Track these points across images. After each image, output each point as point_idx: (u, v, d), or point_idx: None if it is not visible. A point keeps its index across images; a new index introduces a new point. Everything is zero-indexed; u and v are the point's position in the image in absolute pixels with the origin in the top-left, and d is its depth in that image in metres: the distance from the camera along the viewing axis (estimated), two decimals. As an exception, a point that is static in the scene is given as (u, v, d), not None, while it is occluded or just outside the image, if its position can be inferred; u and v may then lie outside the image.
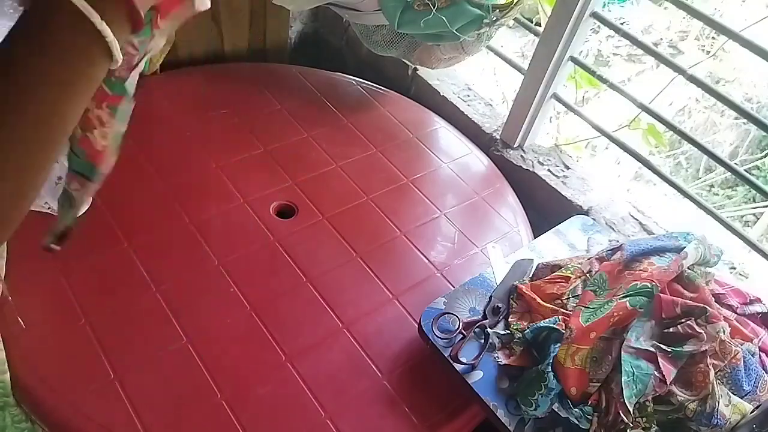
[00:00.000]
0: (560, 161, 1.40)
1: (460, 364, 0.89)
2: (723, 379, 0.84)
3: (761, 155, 2.37)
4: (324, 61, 1.75)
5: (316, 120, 1.38)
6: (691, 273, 0.92)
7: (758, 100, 2.33)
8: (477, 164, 1.38)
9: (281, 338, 0.95)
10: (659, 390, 0.81)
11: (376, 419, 0.89)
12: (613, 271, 0.93)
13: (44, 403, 0.83)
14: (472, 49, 1.30)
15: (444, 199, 1.27)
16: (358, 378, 0.93)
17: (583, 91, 1.61)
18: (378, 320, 1.01)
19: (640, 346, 0.84)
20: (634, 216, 1.30)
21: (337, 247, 1.12)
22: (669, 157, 2.32)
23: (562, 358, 0.84)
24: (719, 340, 0.84)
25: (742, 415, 0.82)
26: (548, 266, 1.02)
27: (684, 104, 2.31)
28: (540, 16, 1.35)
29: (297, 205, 1.17)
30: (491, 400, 0.86)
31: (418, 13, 1.17)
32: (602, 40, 2.28)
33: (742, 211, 2.25)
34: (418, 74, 1.58)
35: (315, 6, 1.32)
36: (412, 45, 1.32)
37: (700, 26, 2.33)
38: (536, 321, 0.92)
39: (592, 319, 0.85)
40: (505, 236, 1.21)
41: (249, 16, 1.50)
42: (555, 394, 0.83)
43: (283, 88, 1.44)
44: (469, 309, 0.97)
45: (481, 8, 1.17)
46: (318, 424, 0.87)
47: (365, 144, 1.35)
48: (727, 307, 0.93)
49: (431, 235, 1.18)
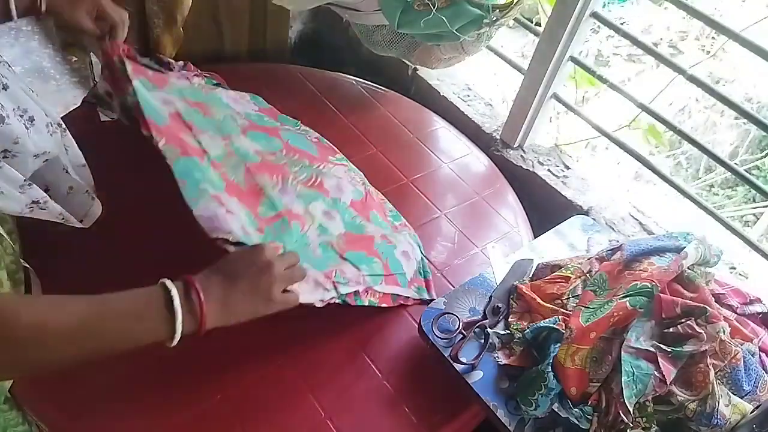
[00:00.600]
0: (560, 161, 1.40)
1: (460, 364, 0.89)
2: (723, 379, 0.84)
3: (761, 155, 2.37)
4: (324, 61, 1.75)
5: (316, 120, 1.38)
6: (691, 273, 0.92)
7: (758, 100, 2.32)
8: (477, 164, 1.38)
9: (281, 338, 0.95)
10: (659, 390, 0.81)
11: (376, 419, 0.89)
12: (613, 271, 0.93)
13: (45, 403, 0.83)
14: (472, 49, 1.30)
15: (444, 199, 1.27)
16: (358, 378, 0.93)
17: (583, 91, 1.61)
18: (378, 320, 1.01)
19: (640, 346, 0.84)
20: (634, 216, 1.30)
21: (337, 247, 1.12)
22: (669, 157, 2.32)
23: (562, 358, 0.84)
24: (719, 340, 0.84)
25: (742, 415, 0.82)
26: (548, 266, 1.02)
27: (684, 104, 2.31)
28: (540, 16, 1.35)
29: (297, 205, 1.17)
30: (491, 400, 0.87)
31: (418, 13, 1.17)
32: (602, 40, 2.28)
33: (742, 211, 2.25)
34: (418, 74, 1.58)
35: (315, 6, 1.33)
36: (412, 45, 1.32)
37: (700, 26, 2.33)
38: (536, 321, 0.92)
39: (592, 319, 0.85)
40: (505, 236, 1.21)
41: (249, 16, 1.50)
42: (555, 394, 0.83)
43: (283, 88, 1.44)
44: (469, 309, 0.97)
45: (481, 8, 1.17)
46: (318, 424, 0.87)
47: (365, 144, 1.35)
48: (727, 307, 0.93)
49: (431, 235, 1.18)
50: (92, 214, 0.85)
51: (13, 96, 0.66)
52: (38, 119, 0.70)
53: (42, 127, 0.70)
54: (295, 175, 0.99)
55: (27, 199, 0.68)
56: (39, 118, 0.70)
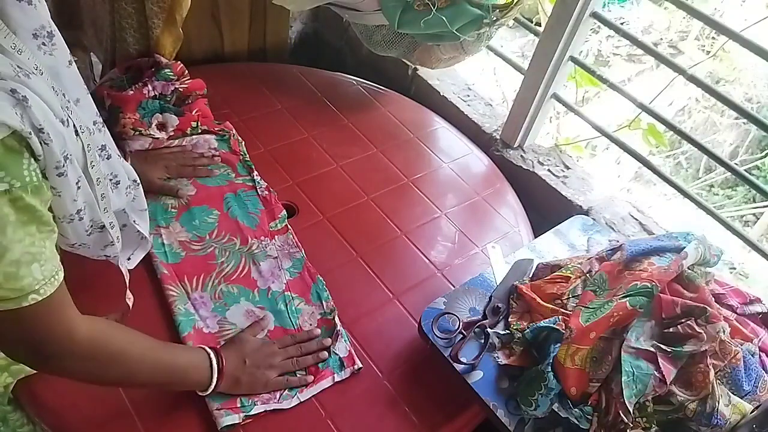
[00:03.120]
0: (560, 161, 1.40)
1: (460, 364, 0.89)
2: (723, 379, 0.84)
3: (761, 155, 2.38)
4: (324, 61, 1.75)
5: (316, 120, 1.38)
6: (691, 273, 0.92)
7: (758, 100, 2.33)
8: (477, 164, 1.39)
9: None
10: (659, 390, 0.81)
11: (376, 419, 0.89)
12: (613, 271, 0.93)
13: (46, 403, 0.83)
14: (472, 49, 1.30)
15: (444, 199, 1.27)
16: (358, 378, 0.93)
17: (583, 91, 1.61)
18: (378, 320, 1.01)
19: (640, 346, 0.84)
20: (634, 216, 1.30)
21: (338, 247, 1.12)
22: (669, 157, 2.32)
23: (562, 358, 0.84)
24: (719, 340, 0.84)
25: (742, 415, 0.82)
26: (548, 266, 1.02)
27: (684, 104, 2.31)
28: (540, 16, 1.35)
29: (297, 205, 1.17)
30: (491, 400, 0.87)
31: (418, 13, 1.17)
32: (602, 40, 2.29)
33: (742, 211, 2.25)
34: (418, 74, 1.58)
35: (315, 6, 1.32)
36: (412, 45, 1.32)
37: (700, 26, 2.33)
38: (536, 321, 0.92)
39: (592, 319, 0.85)
40: (505, 236, 1.21)
41: (249, 16, 1.49)
42: (555, 394, 0.83)
43: (283, 88, 1.44)
44: (469, 309, 0.97)
45: (481, 8, 1.17)
46: (318, 424, 0.87)
47: (365, 144, 1.35)
48: (727, 307, 0.93)
49: (431, 235, 1.18)
50: (139, 254, 0.91)
51: (111, 164, 0.76)
52: (122, 182, 0.79)
53: (123, 189, 0.80)
54: (220, 269, 1.00)
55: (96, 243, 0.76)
56: (123, 181, 0.79)
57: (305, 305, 0.99)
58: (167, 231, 1.04)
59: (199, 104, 1.25)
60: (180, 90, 1.23)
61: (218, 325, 0.93)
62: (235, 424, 0.82)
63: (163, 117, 1.20)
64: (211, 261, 1.01)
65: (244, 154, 1.21)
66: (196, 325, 0.92)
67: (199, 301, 0.95)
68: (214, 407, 0.83)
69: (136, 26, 1.22)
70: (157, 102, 1.19)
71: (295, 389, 0.88)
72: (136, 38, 1.24)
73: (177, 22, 1.22)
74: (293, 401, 0.87)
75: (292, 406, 0.87)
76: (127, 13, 1.20)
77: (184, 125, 1.21)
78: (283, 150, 1.28)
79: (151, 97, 1.19)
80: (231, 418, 0.82)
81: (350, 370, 0.92)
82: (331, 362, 0.92)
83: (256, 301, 0.97)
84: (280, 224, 1.10)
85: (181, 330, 0.90)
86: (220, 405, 0.83)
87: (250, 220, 1.09)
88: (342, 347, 0.94)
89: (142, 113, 1.17)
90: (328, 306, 0.99)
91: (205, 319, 0.93)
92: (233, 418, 0.82)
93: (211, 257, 1.01)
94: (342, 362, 0.92)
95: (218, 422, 0.82)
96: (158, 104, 1.19)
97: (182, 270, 0.98)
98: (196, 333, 0.91)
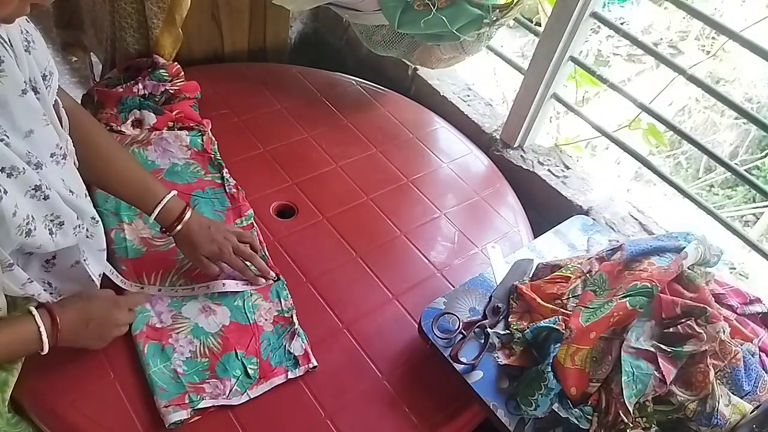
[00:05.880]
0: (560, 161, 1.40)
1: (460, 364, 0.89)
2: (723, 379, 0.84)
3: (761, 155, 2.38)
4: (324, 61, 1.75)
5: (316, 120, 1.38)
6: (691, 273, 0.92)
7: (758, 100, 2.33)
8: (477, 164, 1.38)
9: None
10: (659, 390, 0.81)
11: (376, 419, 0.89)
12: (613, 271, 0.93)
13: (45, 403, 0.83)
14: (472, 49, 1.30)
15: (444, 199, 1.27)
16: (358, 378, 0.93)
17: (583, 91, 1.61)
18: (378, 320, 1.01)
19: (640, 346, 0.84)
20: (634, 216, 1.30)
21: (337, 247, 1.12)
22: (669, 157, 2.32)
23: (562, 358, 0.84)
24: (719, 340, 0.84)
25: (742, 415, 0.82)
26: (548, 266, 1.02)
27: (684, 104, 2.31)
28: (540, 16, 1.35)
29: (297, 205, 1.17)
30: (491, 400, 0.87)
31: (418, 13, 1.17)
32: (602, 40, 2.28)
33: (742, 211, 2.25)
34: (418, 74, 1.58)
35: (315, 6, 1.32)
36: (412, 45, 1.32)
37: (700, 26, 2.33)
38: (536, 321, 0.92)
39: (592, 319, 0.85)
40: (505, 236, 1.21)
41: (249, 16, 1.50)
42: (555, 394, 0.83)
43: (283, 88, 1.44)
44: (469, 309, 0.97)
45: (481, 8, 1.17)
46: (318, 424, 0.87)
47: (365, 144, 1.35)
48: (727, 307, 0.93)
49: (431, 235, 1.18)
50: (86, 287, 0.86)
51: (50, 204, 0.71)
52: (67, 223, 0.75)
53: (69, 230, 0.75)
54: (180, 264, 1.00)
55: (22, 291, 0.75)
56: (69, 222, 0.75)
57: (263, 301, 0.98)
58: (130, 227, 1.03)
59: (183, 105, 1.25)
60: (170, 91, 1.23)
61: (172, 319, 0.93)
62: (183, 420, 0.82)
63: (140, 114, 1.19)
64: (173, 256, 1.00)
65: (215, 153, 1.21)
66: (150, 322, 0.91)
67: (156, 296, 0.95)
68: (161, 405, 0.82)
69: (136, 26, 1.22)
70: (137, 99, 1.19)
71: (246, 386, 0.87)
72: (136, 38, 1.24)
73: (177, 22, 1.22)
74: (242, 398, 0.86)
75: (241, 402, 0.86)
76: (127, 13, 1.20)
77: (161, 124, 1.21)
78: (283, 150, 1.28)
79: (140, 96, 1.19)
80: (179, 414, 0.82)
81: (305, 368, 0.91)
82: (285, 359, 0.92)
83: (213, 297, 0.97)
84: (245, 222, 1.10)
85: (134, 328, 0.90)
86: (168, 402, 0.83)
87: (216, 217, 1.09)
88: (297, 346, 0.93)
89: (120, 108, 1.17)
90: (286, 304, 0.99)
91: (160, 314, 0.93)
92: (181, 414, 0.82)
93: (173, 252, 1.00)
94: (297, 360, 0.92)
95: (166, 419, 0.81)
96: (137, 101, 1.19)
97: (141, 266, 0.98)
98: (149, 329, 0.90)
